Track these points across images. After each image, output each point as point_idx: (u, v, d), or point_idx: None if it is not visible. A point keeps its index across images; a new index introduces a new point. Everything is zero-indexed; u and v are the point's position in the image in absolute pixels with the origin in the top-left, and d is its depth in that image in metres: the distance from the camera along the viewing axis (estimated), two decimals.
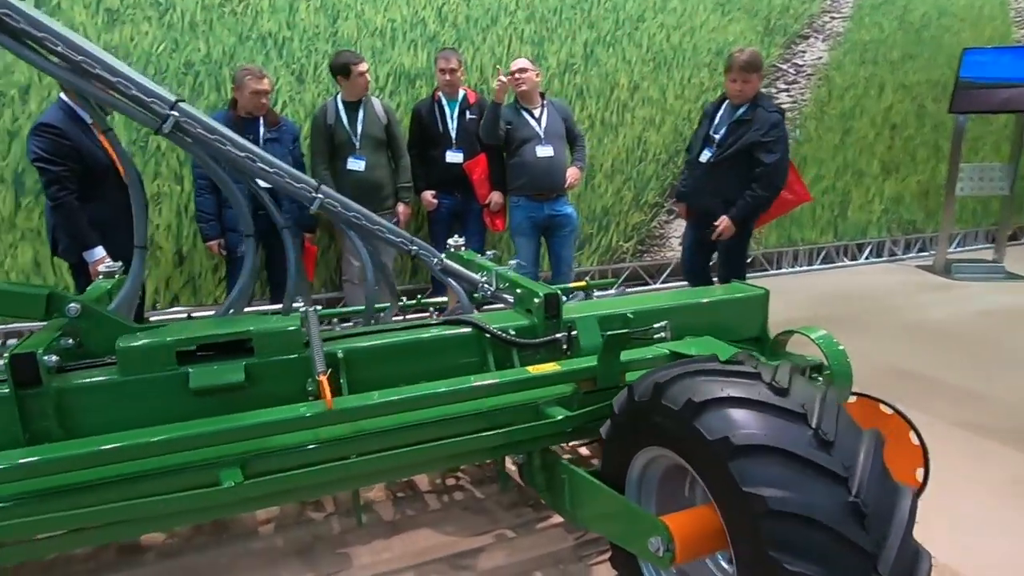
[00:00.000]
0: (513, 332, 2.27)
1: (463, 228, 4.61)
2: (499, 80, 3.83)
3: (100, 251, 3.09)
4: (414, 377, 2.03)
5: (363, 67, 4.03)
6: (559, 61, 5.19)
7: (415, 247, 2.64)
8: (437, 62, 4.30)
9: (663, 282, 5.88)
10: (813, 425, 1.36)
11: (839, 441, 1.35)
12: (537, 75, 4.08)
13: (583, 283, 3.60)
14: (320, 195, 2.39)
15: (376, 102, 4.26)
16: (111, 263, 2.84)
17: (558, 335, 2.26)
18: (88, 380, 1.84)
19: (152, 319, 3.78)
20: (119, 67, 2.05)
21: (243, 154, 2.25)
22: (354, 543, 2.23)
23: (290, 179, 2.34)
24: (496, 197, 4.35)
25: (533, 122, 4.10)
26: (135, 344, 1.87)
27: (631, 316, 2.45)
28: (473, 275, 2.74)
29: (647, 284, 5.84)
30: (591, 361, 2.06)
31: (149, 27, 4.05)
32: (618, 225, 5.65)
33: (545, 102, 4.19)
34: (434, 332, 2.25)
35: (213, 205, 3.86)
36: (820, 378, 2.12)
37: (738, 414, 1.39)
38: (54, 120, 3.00)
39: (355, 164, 4.11)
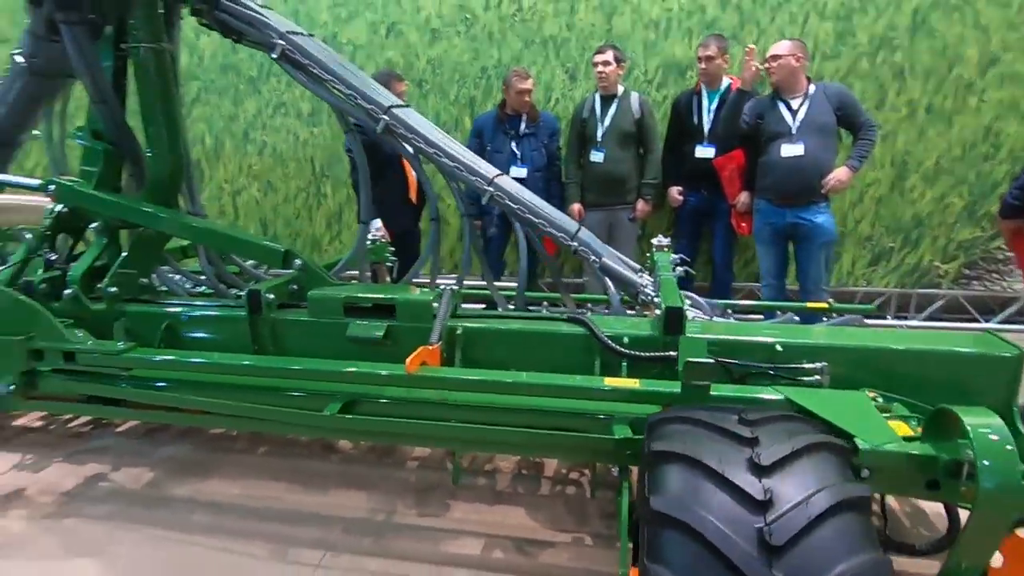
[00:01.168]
0: (627, 341, 2.19)
1: (710, 228, 4.33)
2: (750, 65, 3.43)
3: (377, 223, 3.97)
4: (522, 365, 2.18)
5: (596, 57, 4.12)
6: (872, 36, 4.30)
7: (575, 243, 2.70)
8: (697, 50, 4.08)
9: (1002, 322, 4.41)
10: (767, 520, 1.07)
11: (798, 552, 1.04)
12: (797, 59, 3.51)
13: (825, 304, 3.11)
14: (490, 188, 2.65)
15: (634, 96, 4.28)
16: (374, 233, 3.65)
17: (672, 353, 2.09)
18: (289, 316, 2.52)
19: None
20: (352, 81, 2.66)
21: (432, 150, 2.67)
22: (460, 499, 2.51)
23: (468, 172, 2.67)
24: (744, 197, 3.95)
25: (788, 115, 3.57)
26: (318, 295, 2.48)
27: (779, 349, 2.09)
28: (635, 278, 2.66)
29: (977, 321, 4.47)
30: (674, 387, 1.88)
31: (459, 40, 4.88)
32: (935, 240, 4.45)
33: (813, 89, 3.58)
34: (549, 326, 2.32)
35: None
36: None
37: (680, 477, 1.17)
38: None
39: (595, 156, 4.25)
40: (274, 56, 2.67)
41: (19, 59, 2.93)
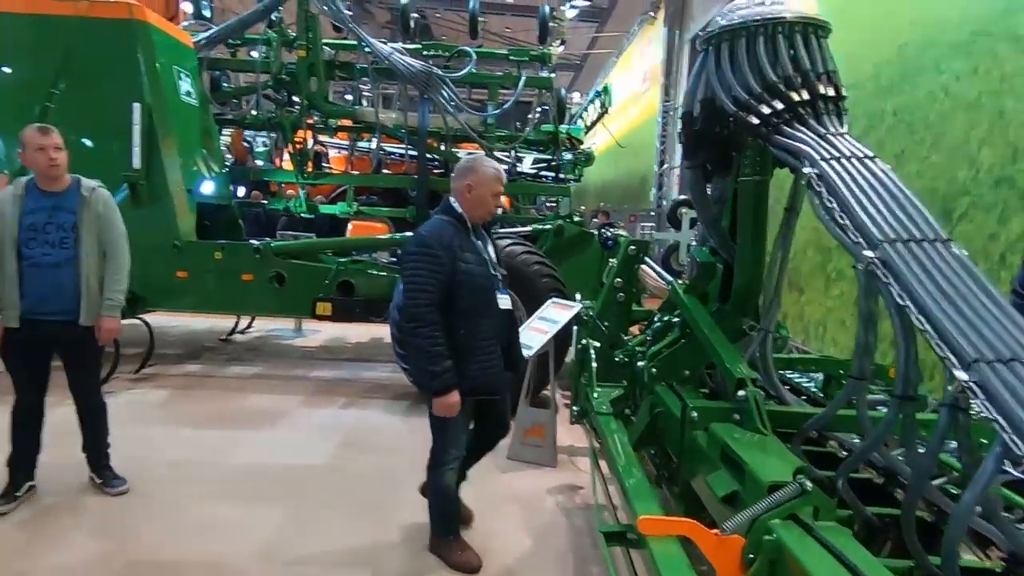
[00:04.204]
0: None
1: None
2: None
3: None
4: None
5: None
6: None
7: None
8: None
9: None
10: None
11: None
12: None
13: None
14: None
15: None
16: None
17: None
18: (698, 438, 2.50)
19: None
20: (858, 212, 2.27)
21: (906, 303, 1.98)
22: None
23: (946, 350, 1.81)
24: None
25: None
26: (717, 428, 2.38)
27: None
28: None
29: None
30: None
31: None
32: None
33: None
34: None
35: None
36: None
37: None
38: None
39: None
40: (802, 183, 2.59)
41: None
